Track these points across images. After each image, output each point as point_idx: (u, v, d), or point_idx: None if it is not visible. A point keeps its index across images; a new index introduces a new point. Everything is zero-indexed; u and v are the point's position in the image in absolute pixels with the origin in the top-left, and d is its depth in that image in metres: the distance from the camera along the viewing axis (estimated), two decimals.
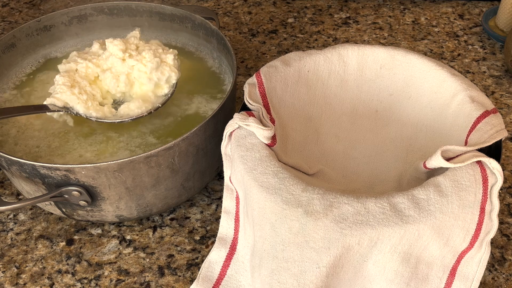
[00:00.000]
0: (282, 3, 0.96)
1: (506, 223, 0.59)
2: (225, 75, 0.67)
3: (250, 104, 0.51)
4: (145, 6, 0.70)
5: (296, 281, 0.43)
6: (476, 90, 0.53)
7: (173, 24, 0.71)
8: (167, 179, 0.55)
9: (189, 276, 0.55)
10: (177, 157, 0.53)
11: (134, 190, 0.54)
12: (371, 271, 0.45)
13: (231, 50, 0.61)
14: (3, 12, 0.98)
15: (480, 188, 0.44)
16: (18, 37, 0.67)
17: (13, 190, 0.65)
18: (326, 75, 0.58)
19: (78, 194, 0.52)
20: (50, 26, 0.70)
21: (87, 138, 0.59)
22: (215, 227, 0.60)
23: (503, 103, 0.74)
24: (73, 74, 0.59)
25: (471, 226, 0.44)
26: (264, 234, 0.45)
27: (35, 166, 0.50)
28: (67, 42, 0.72)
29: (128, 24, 0.73)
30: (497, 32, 0.83)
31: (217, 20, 0.70)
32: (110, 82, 0.59)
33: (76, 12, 0.71)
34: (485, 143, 0.46)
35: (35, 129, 0.61)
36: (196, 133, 0.53)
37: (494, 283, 0.54)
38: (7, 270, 0.57)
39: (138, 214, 0.57)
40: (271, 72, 0.54)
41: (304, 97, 0.58)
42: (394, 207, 0.43)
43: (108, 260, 0.57)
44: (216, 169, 0.61)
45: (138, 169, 0.52)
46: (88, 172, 0.50)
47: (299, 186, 0.44)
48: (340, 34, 0.88)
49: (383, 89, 0.60)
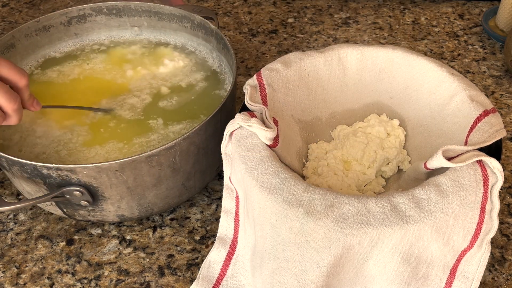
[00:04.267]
0: (282, 3, 0.96)
1: (506, 223, 0.59)
2: (225, 75, 0.67)
3: (252, 106, 0.51)
4: (143, 6, 0.70)
5: (296, 281, 0.43)
6: (475, 89, 0.53)
7: (172, 23, 0.71)
8: (168, 178, 0.55)
9: (189, 276, 0.55)
10: (178, 157, 0.53)
11: (135, 190, 0.54)
12: (372, 271, 0.45)
13: (231, 49, 0.61)
14: (3, 12, 0.98)
15: (480, 188, 0.44)
16: (17, 37, 0.67)
17: (13, 190, 0.65)
18: (326, 79, 0.58)
19: (79, 194, 0.52)
20: (49, 27, 0.70)
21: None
22: (215, 227, 0.60)
23: (503, 103, 0.74)
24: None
25: (472, 225, 0.44)
26: (264, 234, 0.45)
27: (36, 167, 0.50)
28: (66, 42, 0.72)
29: (127, 24, 0.73)
30: (497, 32, 0.83)
31: (216, 20, 0.70)
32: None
33: (75, 12, 0.71)
34: (485, 142, 0.46)
35: (36, 136, 0.61)
36: (197, 132, 0.53)
37: (494, 283, 0.54)
38: (7, 270, 0.57)
39: (139, 213, 0.57)
40: (273, 76, 0.54)
41: (305, 101, 0.58)
42: (395, 207, 0.43)
43: (108, 260, 0.57)
44: (217, 169, 0.61)
45: (139, 169, 0.52)
46: (89, 172, 0.50)
47: (300, 186, 0.44)
48: (340, 34, 0.88)
49: (383, 92, 0.60)
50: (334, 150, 0.57)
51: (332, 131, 0.61)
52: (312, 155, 0.58)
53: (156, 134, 0.59)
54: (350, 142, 0.57)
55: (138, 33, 0.73)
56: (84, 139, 0.60)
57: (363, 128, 0.59)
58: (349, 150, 0.57)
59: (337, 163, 0.56)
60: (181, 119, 0.61)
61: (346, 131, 0.60)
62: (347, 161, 0.57)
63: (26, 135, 0.60)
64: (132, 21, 0.72)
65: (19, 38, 0.68)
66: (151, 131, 0.60)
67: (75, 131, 0.60)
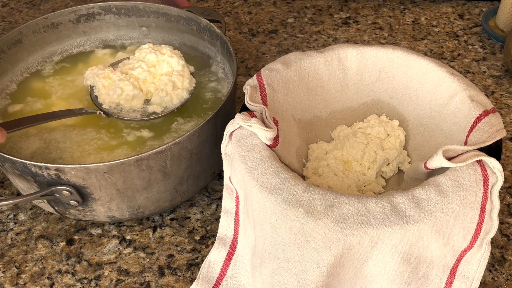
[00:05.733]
0: (282, 3, 0.96)
1: (506, 223, 0.59)
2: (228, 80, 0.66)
3: (252, 106, 0.51)
4: (152, 7, 0.71)
5: (296, 281, 0.43)
6: (475, 89, 0.53)
7: (179, 25, 0.71)
8: (159, 182, 0.54)
9: (189, 276, 0.55)
10: (169, 161, 0.53)
11: (125, 192, 0.54)
12: (372, 271, 0.45)
13: (233, 54, 0.61)
14: (3, 12, 0.98)
15: (480, 188, 0.44)
16: (25, 33, 0.68)
17: (13, 190, 0.65)
18: (326, 79, 0.58)
19: (68, 194, 0.53)
20: (57, 24, 0.70)
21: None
22: (215, 227, 0.60)
23: (503, 103, 0.74)
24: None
25: (472, 225, 0.44)
26: (265, 234, 0.45)
27: (26, 165, 0.51)
28: (74, 40, 0.72)
29: (135, 24, 0.73)
30: (497, 32, 0.83)
31: (224, 24, 0.70)
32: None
33: (84, 10, 0.71)
34: (485, 142, 0.46)
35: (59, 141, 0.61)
36: (189, 137, 0.53)
37: (494, 283, 0.54)
38: (7, 270, 0.57)
39: (130, 215, 0.57)
40: (273, 76, 0.54)
41: (305, 101, 0.58)
42: (395, 207, 0.43)
43: (108, 260, 0.57)
44: (212, 174, 0.60)
45: (128, 172, 0.52)
46: (78, 172, 0.50)
47: (300, 186, 0.44)
48: (340, 34, 0.88)
49: (383, 92, 0.60)
50: (334, 151, 0.57)
51: (332, 131, 0.61)
52: (312, 155, 0.58)
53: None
54: (350, 142, 0.57)
55: (146, 33, 0.73)
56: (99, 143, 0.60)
57: (363, 128, 0.59)
58: (349, 151, 0.57)
59: (337, 163, 0.56)
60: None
61: (346, 132, 0.60)
62: (347, 162, 0.57)
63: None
64: (140, 21, 0.73)
65: (26, 34, 0.68)
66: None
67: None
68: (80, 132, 0.60)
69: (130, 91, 0.60)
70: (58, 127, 0.61)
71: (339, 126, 0.61)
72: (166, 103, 0.61)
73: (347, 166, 0.57)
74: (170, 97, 0.61)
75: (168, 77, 0.62)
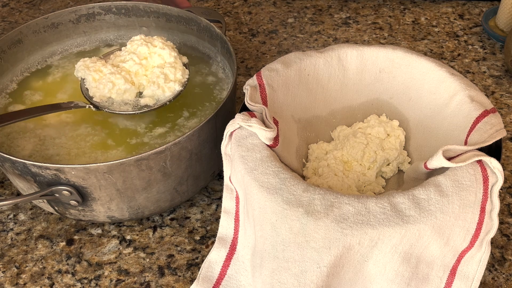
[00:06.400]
0: (282, 3, 0.96)
1: (506, 223, 0.59)
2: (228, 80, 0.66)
3: (252, 106, 0.51)
4: (152, 7, 0.71)
5: (296, 281, 0.43)
6: (475, 89, 0.53)
7: (179, 25, 0.71)
8: (159, 182, 0.54)
9: (189, 276, 0.55)
10: (169, 161, 0.53)
11: (125, 192, 0.54)
12: (372, 271, 0.45)
13: (233, 54, 0.61)
14: (3, 12, 0.98)
15: (480, 188, 0.44)
16: (25, 33, 0.68)
17: (13, 190, 0.65)
18: (326, 80, 0.58)
19: (68, 194, 0.53)
20: (57, 24, 0.70)
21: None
22: (215, 227, 0.60)
23: (503, 103, 0.74)
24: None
25: (472, 225, 0.44)
26: (264, 234, 0.45)
27: (26, 164, 0.51)
28: (74, 40, 0.72)
29: (136, 24, 0.73)
30: (497, 32, 0.83)
31: (224, 24, 0.70)
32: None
33: (84, 10, 0.71)
34: (485, 142, 0.46)
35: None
36: (189, 137, 0.53)
37: (494, 283, 0.54)
38: (7, 270, 0.57)
39: (130, 215, 0.57)
40: (273, 76, 0.54)
41: (305, 101, 0.58)
42: (395, 207, 0.43)
43: (108, 260, 0.57)
44: (212, 174, 0.60)
45: (128, 172, 0.52)
46: (78, 172, 0.50)
47: (300, 186, 0.44)
48: (340, 34, 0.88)
49: (383, 93, 0.60)
50: (334, 151, 0.57)
51: (332, 131, 0.61)
52: (312, 155, 0.58)
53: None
54: (350, 142, 0.57)
55: (147, 33, 0.73)
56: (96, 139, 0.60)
57: (363, 128, 0.59)
58: (349, 151, 0.57)
59: (337, 163, 0.56)
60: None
61: (346, 132, 0.60)
62: (347, 162, 0.57)
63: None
64: (140, 21, 0.73)
65: (26, 34, 0.68)
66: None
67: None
68: (73, 128, 0.61)
69: (121, 85, 0.60)
70: (52, 124, 0.61)
71: (339, 126, 0.61)
72: (159, 95, 0.61)
73: (347, 166, 0.57)
74: (162, 90, 0.60)
75: (160, 69, 0.61)
